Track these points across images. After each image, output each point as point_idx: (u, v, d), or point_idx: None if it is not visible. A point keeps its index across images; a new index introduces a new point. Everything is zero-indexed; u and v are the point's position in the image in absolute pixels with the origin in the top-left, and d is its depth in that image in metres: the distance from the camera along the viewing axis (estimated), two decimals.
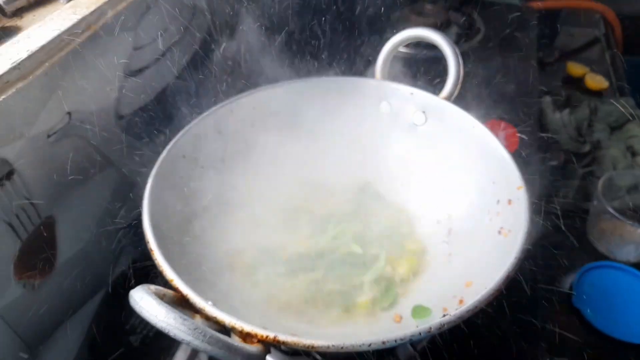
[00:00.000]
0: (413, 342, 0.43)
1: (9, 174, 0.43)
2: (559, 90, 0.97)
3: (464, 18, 1.01)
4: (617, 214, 0.63)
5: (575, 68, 1.01)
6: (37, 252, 0.48)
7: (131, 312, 0.55)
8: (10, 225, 0.44)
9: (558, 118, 0.86)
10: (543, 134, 0.83)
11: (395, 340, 0.34)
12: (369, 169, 0.62)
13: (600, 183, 0.68)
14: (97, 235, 0.54)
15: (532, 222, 0.43)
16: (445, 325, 0.35)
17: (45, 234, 0.48)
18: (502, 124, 0.80)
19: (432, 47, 0.56)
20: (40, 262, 0.48)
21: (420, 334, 0.35)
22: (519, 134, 0.78)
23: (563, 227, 0.73)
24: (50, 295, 0.50)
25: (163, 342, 0.53)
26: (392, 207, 0.59)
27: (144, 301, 0.32)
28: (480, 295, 0.37)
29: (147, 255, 0.50)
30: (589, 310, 0.59)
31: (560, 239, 0.69)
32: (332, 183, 0.62)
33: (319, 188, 0.61)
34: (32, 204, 0.46)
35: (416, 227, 0.57)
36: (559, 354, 0.56)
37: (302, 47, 0.76)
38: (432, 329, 0.35)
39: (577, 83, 1.00)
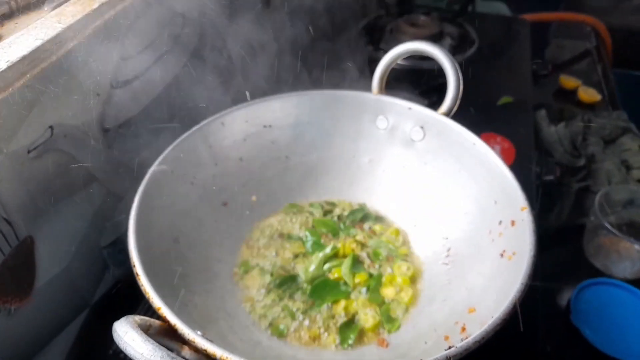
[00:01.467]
0: None
1: None
2: (552, 104, 0.97)
3: (458, 30, 1.01)
4: (614, 230, 0.62)
5: (567, 81, 1.01)
6: (14, 275, 0.45)
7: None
8: None
9: (553, 131, 0.86)
10: (538, 148, 0.82)
11: None
12: (364, 186, 0.60)
13: (596, 199, 0.67)
14: (80, 255, 0.52)
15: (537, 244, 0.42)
16: (451, 359, 0.33)
17: (23, 256, 0.45)
18: (498, 138, 0.79)
19: (427, 58, 0.55)
20: (18, 286, 0.45)
21: None
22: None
23: (559, 243, 0.72)
24: (28, 319, 0.47)
25: None
26: (388, 226, 0.57)
27: (129, 336, 0.30)
28: (487, 326, 0.35)
29: (131, 274, 0.48)
30: (587, 329, 0.58)
31: (556, 255, 0.69)
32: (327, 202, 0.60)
33: (313, 208, 0.59)
34: (9, 223, 0.43)
35: (414, 248, 0.55)
36: None
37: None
38: None
39: (569, 96, 1.00)
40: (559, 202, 0.79)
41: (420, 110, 0.56)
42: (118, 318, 0.51)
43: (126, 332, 0.30)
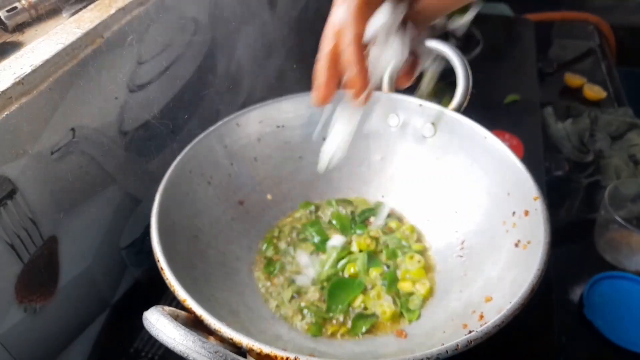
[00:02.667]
0: None
1: (11, 193, 0.42)
2: (558, 101, 0.97)
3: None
4: (625, 224, 0.63)
5: (573, 79, 1.02)
6: (39, 274, 0.46)
7: (135, 335, 0.54)
8: (12, 246, 0.43)
9: (561, 128, 0.86)
10: (546, 145, 0.83)
11: None
12: (377, 184, 0.61)
13: (606, 193, 0.68)
14: (100, 255, 0.53)
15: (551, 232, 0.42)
16: (472, 342, 0.34)
17: (47, 255, 0.46)
18: (506, 135, 0.80)
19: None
20: (42, 285, 0.46)
21: (447, 351, 0.33)
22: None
23: (570, 238, 0.72)
24: (51, 318, 0.48)
25: None
26: (403, 221, 0.58)
27: (160, 323, 0.31)
28: (506, 310, 0.36)
29: (151, 274, 0.49)
30: (600, 322, 0.58)
31: (567, 250, 0.69)
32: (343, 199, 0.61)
33: (328, 205, 0.60)
34: (34, 223, 0.44)
35: (429, 242, 0.55)
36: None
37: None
38: (460, 346, 0.34)
39: (575, 94, 1.01)
40: (568, 198, 0.79)
41: (431, 107, 0.57)
42: (138, 317, 0.53)
43: (157, 319, 0.31)
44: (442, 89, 0.55)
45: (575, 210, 0.78)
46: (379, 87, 0.60)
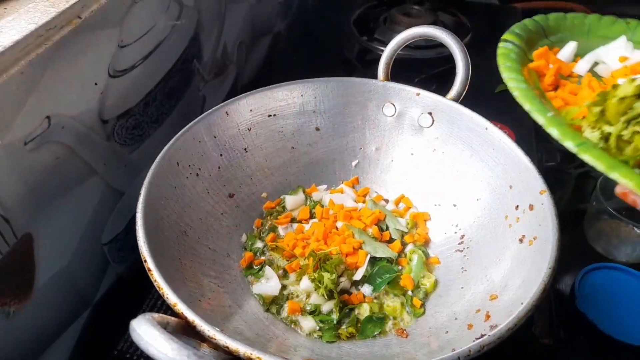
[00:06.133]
0: None
1: None
2: None
3: (452, 19, 1.00)
4: (616, 214, 0.62)
5: None
6: (13, 275, 0.42)
7: (119, 336, 0.51)
8: None
9: None
10: (538, 134, 0.82)
11: None
12: (372, 175, 0.59)
13: (598, 183, 0.67)
14: (80, 252, 0.49)
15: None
16: (485, 347, 0.32)
17: (21, 254, 0.43)
18: (498, 125, 0.78)
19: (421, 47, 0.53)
20: (17, 286, 0.43)
21: (459, 358, 0.32)
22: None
23: (560, 229, 0.71)
24: (28, 321, 0.44)
25: None
26: (399, 215, 0.56)
27: (149, 335, 0.28)
28: (519, 312, 0.34)
29: (134, 270, 0.46)
30: (592, 313, 0.57)
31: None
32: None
33: (320, 197, 0.57)
34: (6, 220, 0.41)
35: (430, 236, 0.53)
36: (564, 357, 0.54)
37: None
38: (472, 352, 0.32)
39: None
40: (559, 188, 0.79)
41: (428, 96, 0.55)
42: (122, 316, 0.50)
43: (146, 330, 0.28)
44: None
45: (566, 201, 0.77)
46: (374, 75, 0.58)
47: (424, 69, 0.85)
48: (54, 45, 0.42)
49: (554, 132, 0.37)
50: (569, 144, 0.36)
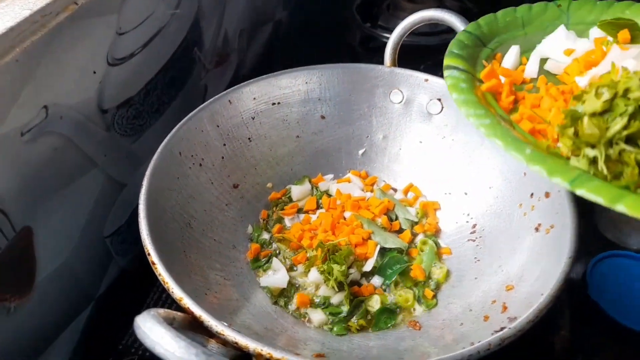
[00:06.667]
0: None
1: None
2: None
3: (458, 4, 0.97)
4: None
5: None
6: (13, 270, 0.41)
7: (124, 330, 0.50)
8: None
9: None
10: None
11: None
12: (379, 164, 0.57)
13: None
14: (82, 245, 0.48)
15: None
16: (505, 341, 0.31)
17: (21, 248, 0.42)
18: None
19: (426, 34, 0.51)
20: (17, 282, 0.41)
21: (478, 352, 0.30)
22: None
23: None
24: (29, 317, 0.43)
25: None
26: (408, 204, 0.54)
27: (156, 333, 0.26)
28: (539, 304, 0.33)
29: (138, 262, 0.44)
30: (605, 302, 0.56)
31: None
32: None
33: (327, 187, 0.56)
34: (4, 213, 0.39)
35: (440, 225, 0.52)
36: (578, 347, 0.53)
37: None
38: (492, 346, 0.30)
39: None
40: None
41: (437, 82, 0.53)
42: (126, 310, 0.48)
43: (151, 328, 0.27)
44: None
45: None
46: (379, 63, 0.56)
47: (429, 56, 0.83)
48: (50, 32, 0.41)
49: (538, 170, 0.32)
50: (559, 181, 0.31)
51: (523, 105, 0.40)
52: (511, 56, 0.45)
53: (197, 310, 0.32)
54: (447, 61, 0.41)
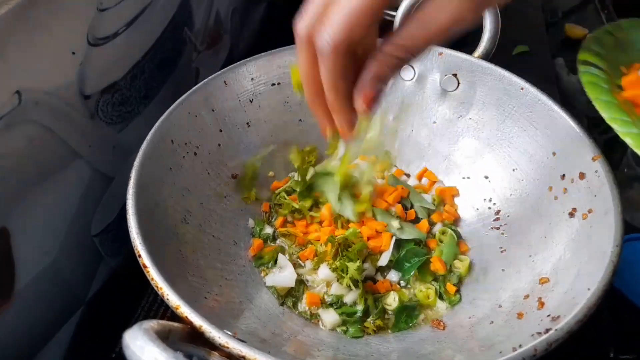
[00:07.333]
0: None
1: None
2: (566, 52, 0.90)
3: None
4: None
5: (574, 30, 0.94)
6: None
7: (117, 335, 0.46)
8: None
9: (575, 80, 0.79)
10: (562, 99, 0.76)
11: None
12: (390, 146, 0.53)
13: (629, 149, 0.62)
14: (67, 246, 0.44)
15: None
16: (553, 345, 0.27)
17: None
18: None
19: None
20: None
21: (523, 359, 0.26)
22: None
23: None
24: (12, 325, 0.39)
25: None
26: (423, 191, 0.50)
27: (148, 353, 0.22)
28: (587, 300, 0.29)
29: (130, 262, 0.40)
30: (627, 288, 0.52)
31: None
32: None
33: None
34: None
35: (459, 213, 0.48)
36: (609, 339, 0.49)
37: None
38: (538, 351, 0.26)
39: (577, 45, 0.93)
40: None
41: (453, 55, 0.48)
42: (119, 314, 0.44)
43: (143, 347, 0.23)
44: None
45: None
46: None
47: None
48: (19, 6, 0.36)
49: None
50: None
51: None
52: None
53: (197, 320, 0.28)
54: (584, 56, 0.37)
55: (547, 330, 0.28)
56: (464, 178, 0.49)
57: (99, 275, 0.49)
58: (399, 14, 0.50)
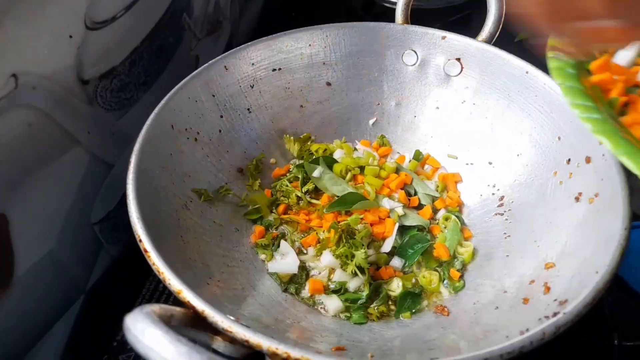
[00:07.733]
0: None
1: None
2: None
3: None
4: None
5: None
6: None
7: (118, 324, 0.46)
8: None
9: None
10: None
11: (501, 355, 0.25)
12: (392, 134, 0.52)
13: None
14: (67, 234, 0.43)
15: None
16: (561, 329, 0.26)
17: None
18: None
19: None
20: None
21: (531, 342, 0.26)
22: None
23: None
24: (11, 314, 0.39)
25: None
26: (426, 177, 0.49)
27: (150, 337, 0.22)
28: (596, 283, 0.28)
29: (131, 250, 0.39)
30: (630, 275, 0.52)
31: None
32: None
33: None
34: None
35: (462, 199, 0.47)
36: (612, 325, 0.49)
37: None
38: (546, 335, 0.26)
39: None
40: None
41: (456, 39, 0.48)
42: (120, 303, 0.44)
43: (144, 329, 0.22)
44: None
45: None
46: (391, 19, 0.51)
47: (434, 20, 0.78)
48: None
49: None
50: None
51: (635, 111, 0.36)
52: (627, 53, 0.39)
53: (199, 304, 0.28)
54: (552, 42, 0.36)
55: (555, 314, 0.27)
56: (467, 164, 0.48)
57: (99, 264, 0.49)
58: (400, 4, 0.49)
